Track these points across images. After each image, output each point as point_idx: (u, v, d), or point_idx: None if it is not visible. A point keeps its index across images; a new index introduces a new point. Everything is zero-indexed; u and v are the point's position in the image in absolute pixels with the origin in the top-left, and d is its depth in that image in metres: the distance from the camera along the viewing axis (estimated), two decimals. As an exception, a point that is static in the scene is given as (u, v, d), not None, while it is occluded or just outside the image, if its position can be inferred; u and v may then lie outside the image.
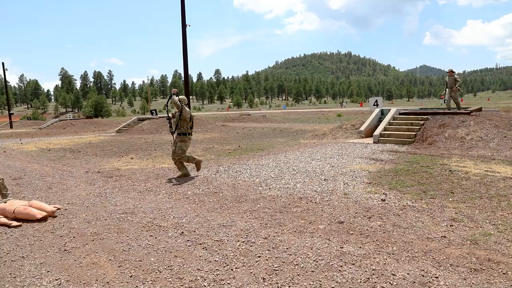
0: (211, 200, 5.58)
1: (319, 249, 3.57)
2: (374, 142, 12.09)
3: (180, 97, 7.46)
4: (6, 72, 44.51)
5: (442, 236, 3.84)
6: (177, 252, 3.58)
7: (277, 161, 9.08)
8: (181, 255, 3.52)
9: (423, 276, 2.99)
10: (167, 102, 7.71)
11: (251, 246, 3.71)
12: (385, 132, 12.43)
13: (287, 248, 3.62)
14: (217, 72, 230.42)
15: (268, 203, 5.30)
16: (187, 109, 7.50)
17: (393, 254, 3.42)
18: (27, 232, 4.38)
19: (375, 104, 16.24)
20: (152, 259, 3.44)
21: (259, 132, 20.38)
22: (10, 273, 3.29)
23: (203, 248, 3.67)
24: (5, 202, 5.14)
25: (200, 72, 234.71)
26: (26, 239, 4.16)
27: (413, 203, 5.07)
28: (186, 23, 18.21)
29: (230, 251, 3.58)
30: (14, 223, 4.66)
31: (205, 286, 2.89)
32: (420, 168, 7.45)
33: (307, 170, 7.66)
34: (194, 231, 4.19)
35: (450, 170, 7.11)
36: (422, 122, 12.31)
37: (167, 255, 3.52)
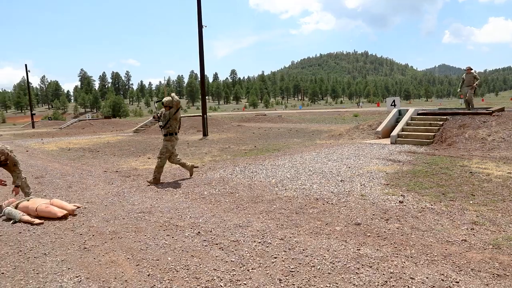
0: (227, 200, 5.60)
1: (335, 251, 3.54)
2: (391, 143, 11.92)
3: (165, 100, 7.35)
4: (28, 73, 45.71)
5: (462, 240, 3.75)
6: (194, 252, 3.61)
7: (293, 161, 9.05)
8: (198, 255, 3.55)
9: (442, 280, 2.93)
10: (155, 104, 7.97)
11: (267, 247, 3.70)
12: (402, 132, 12.24)
13: (303, 250, 3.60)
14: (233, 72, 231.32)
15: (284, 203, 5.29)
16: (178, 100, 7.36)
17: (411, 257, 3.36)
18: (48, 230, 4.49)
19: (393, 104, 16.01)
20: (169, 258, 3.48)
21: (275, 133, 20.36)
22: (33, 269, 3.37)
23: (220, 248, 3.69)
24: (28, 200, 5.28)
25: (216, 73, 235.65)
26: (48, 236, 4.26)
27: (432, 205, 4.97)
28: (202, 24, 18.31)
29: (246, 252, 3.58)
30: (37, 220, 4.78)
31: (221, 286, 2.91)
32: (439, 170, 7.31)
33: (323, 171, 7.61)
34: (211, 231, 4.22)
35: (471, 172, 6.95)
36: (441, 122, 12.07)
37: (184, 255, 3.55)
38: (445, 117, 12.38)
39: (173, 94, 7.34)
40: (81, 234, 4.28)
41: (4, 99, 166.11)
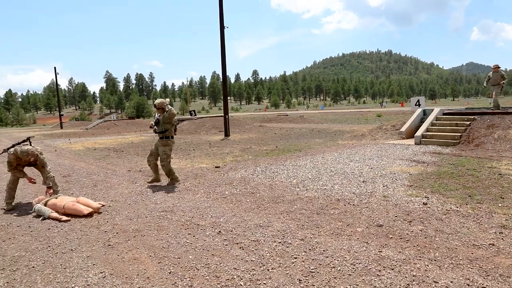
0: (248, 200, 5.63)
1: (356, 253, 3.49)
2: (415, 144, 11.66)
3: (157, 102, 7.10)
4: (57, 76, 47.31)
5: (490, 244, 3.63)
6: (214, 251, 3.65)
7: (315, 162, 9.00)
8: (218, 254, 3.58)
9: (468, 285, 2.85)
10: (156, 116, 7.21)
11: (287, 247, 3.70)
12: (427, 133, 11.95)
13: (323, 250, 3.57)
14: (255, 72, 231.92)
15: (305, 204, 5.26)
16: (173, 111, 7.10)
17: (435, 260, 3.28)
18: (75, 227, 4.63)
19: (417, 104, 15.65)
20: (190, 256, 3.53)
21: (296, 133, 20.28)
22: (61, 264, 3.49)
23: (240, 248, 3.71)
24: (56, 198, 5.47)
25: (238, 73, 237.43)
26: (74, 233, 4.40)
27: (457, 207, 4.84)
28: (224, 25, 18.44)
29: (267, 252, 3.59)
30: (64, 217, 4.94)
31: (241, 285, 2.93)
32: (466, 171, 7.09)
33: (345, 172, 7.53)
34: (231, 231, 4.25)
35: (500, 174, 6.71)
36: (468, 122, 11.71)
37: (204, 254, 3.59)
38: (472, 117, 12.01)
39: (167, 100, 7.12)
40: (105, 231, 4.40)
41: (35, 101, 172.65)
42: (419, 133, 11.94)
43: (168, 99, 7.29)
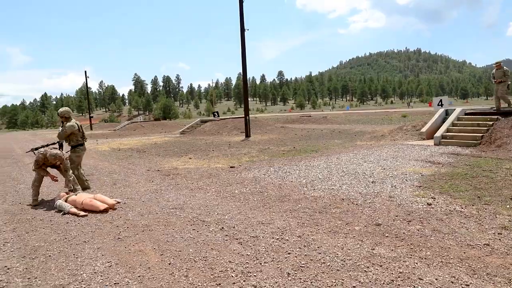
0: (255, 199, 5.82)
1: (349, 250, 3.61)
2: (435, 144, 11.48)
3: (60, 110, 7.10)
4: (88, 79, 49.19)
5: (485, 244, 3.66)
6: (214, 245, 3.86)
7: (329, 162, 9.07)
8: (217, 248, 3.79)
9: (452, 282, 2.92)
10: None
11: (284, 243, 3.86)
12: (447, 133, 11.74)
13: (318, 247, 3.71)
14: (280, 73, 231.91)
15: (310, 203, 5.40)
16: (71, 122, 7.02)
17: (425, 258, 3.36)
18: (90, 221, 4.98)
19: (440, 104, 15.35)
20: (190, 250, 3.76)
21: (317, 134, 20.28)
22: (74, 254, 3.81)
23: (239, 243, 3.91)
24: (75, 195, 5.86)
25: (263, 74, 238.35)
26: (89, 227, 4.74)
27: (462, 208, 4.84)
28: (245, 28, 18.72)
29: (263, 247, 3.77)
30: (82, 213, 5.31)
31: (232, 276, 3.12)
32: (481, 172, 6.99)
33: (356, 172, 7.58)
34: (234, 227, 4.45)
35: (514, 175, 6.59)
36: (490, 122, 11.42)
37: (204, 247, 3.81)
38: (495, 117, 11.69)
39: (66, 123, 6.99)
40: (117, 226, 4.71)
41: (68, 103, 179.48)
42: (438, 133, 11.75)
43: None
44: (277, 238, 4.01)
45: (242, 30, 18.64)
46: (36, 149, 6.58)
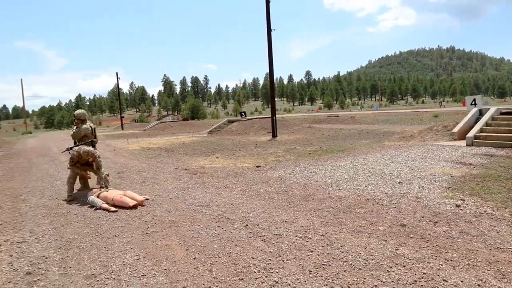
0: (280, 198, 5.87)
1: (372, 249, 3.60)
2: (467, 145, 11.11)
3: (77, 112, 7.38)
4: (119, 80, 50.75)
5: (516, 247, 3.55)
6: (238, 242, 3.95)
7: (355, 163, 8.98)
8: (241, 244, 3.88)
9: (479, 285, 2.86)
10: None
11: (307, 241, 3.89)
12: (481, 134, 11.32)
13: (340, 246, 3.72)
14: (308, 73, 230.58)
15: (334, 203, 5.39)
16: (86, 125, 7.33)
17: (451, 260, 3.30)
18: (120, 217, 5.19)
19: (473, 103, 14.82)
20: (215, 246, 3.86)
21: (344, 134, 20.05)
22: (105, 247, 4.01)
23: (262, 240, 3.98)
24: (107, 191, 6.12)
25: (290, 74, 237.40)
26: (119, 222, 4.95)
27: (493, 211, 4.69)
28: (272, 28, 18.77)
29: (286, 245, 3.82)
30: (112, 208, 5.54)
31: (255, 272, 3.19)
32: (515, 174, 6.72)
33: (383, 173, 7.47)
34: (258, 225, 4.52)
35: (551, 178, 6.30)
36: (527, 123, 10.92)
37: (228, 244, 3.91)
38: (533, 117, 11.18)
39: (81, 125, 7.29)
40: (145, 221, 4.89)
41: (100, 104, 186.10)
42: (471, 134, 11.36)
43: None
44: (300, 237, 4.04)
45: (269, 30, 18.71)
46: (71, 148, 6.91)
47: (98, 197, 5.99)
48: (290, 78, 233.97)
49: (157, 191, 6.85)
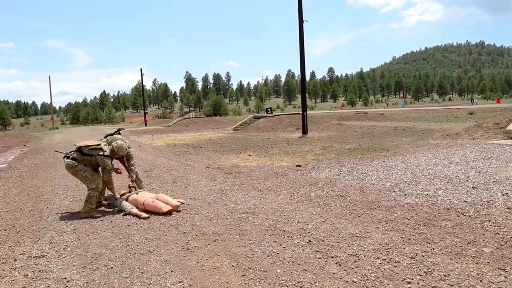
0: (337, 205, 4.99)
1: (492, 283, 2.69)
2: (530, 144, 9.89)
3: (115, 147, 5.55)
4: (143, 77, 50.75)
5: None
6: (306, 265, 3.10)
7: (407, 163, 7.99)
8: (311, 269, 3.03)
9: None
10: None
11: (395, 266, 3.01)
12: (546, 132, 10.08)
13: (444, 275, 2.83)
14: (330, 70, 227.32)
15: (407, 212, 4.47)
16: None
17: None
18: (153, 225, 4.43)
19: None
20: (278, 270, 3.03)
21: (378, 131, 18.91)
22: (139, 267, 3.24)
23: (336, 263, 3.12)
24: (137, 194, 5.39)
25: (313, 71, 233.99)
26: (153, 232, 4.18)
27: None
28: (303, 19, 17.80)
29: (370, 271, 2.95)
30: (144, 214, 4.80)
31: (346, 316, 2.34)
32: None
33: (446, 175, 6.47)
34: (323, 241, 3.66)
35: None
36: None
37: (295, 268, 3.06)
38: None
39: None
40: (184, 232, 4.10)
41: (124, 101, 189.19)
42: (534, 131, 10.13)
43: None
44: (384, 259, 3.16)
45: (301, 21, 17.76)
46: (68, 157, 5.82)
47: (127, 200, 5.27)
48: (313, 75, 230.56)
49: (192, 194, 6.08)
